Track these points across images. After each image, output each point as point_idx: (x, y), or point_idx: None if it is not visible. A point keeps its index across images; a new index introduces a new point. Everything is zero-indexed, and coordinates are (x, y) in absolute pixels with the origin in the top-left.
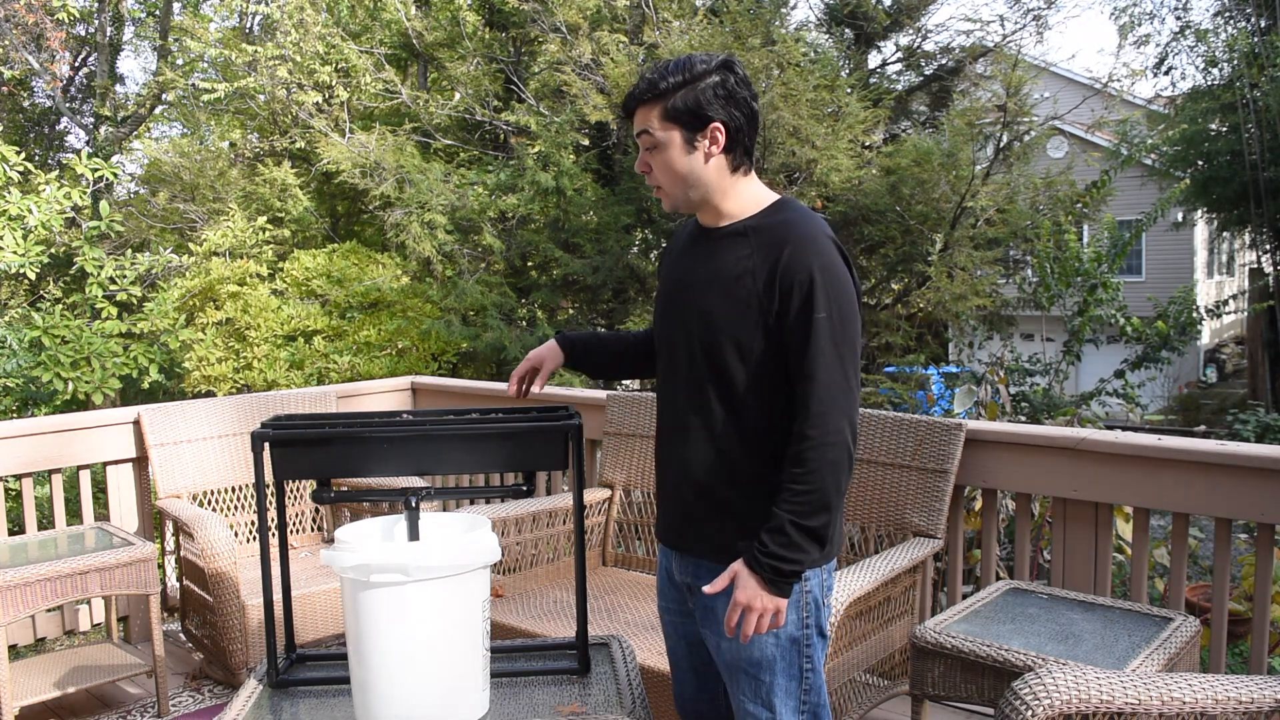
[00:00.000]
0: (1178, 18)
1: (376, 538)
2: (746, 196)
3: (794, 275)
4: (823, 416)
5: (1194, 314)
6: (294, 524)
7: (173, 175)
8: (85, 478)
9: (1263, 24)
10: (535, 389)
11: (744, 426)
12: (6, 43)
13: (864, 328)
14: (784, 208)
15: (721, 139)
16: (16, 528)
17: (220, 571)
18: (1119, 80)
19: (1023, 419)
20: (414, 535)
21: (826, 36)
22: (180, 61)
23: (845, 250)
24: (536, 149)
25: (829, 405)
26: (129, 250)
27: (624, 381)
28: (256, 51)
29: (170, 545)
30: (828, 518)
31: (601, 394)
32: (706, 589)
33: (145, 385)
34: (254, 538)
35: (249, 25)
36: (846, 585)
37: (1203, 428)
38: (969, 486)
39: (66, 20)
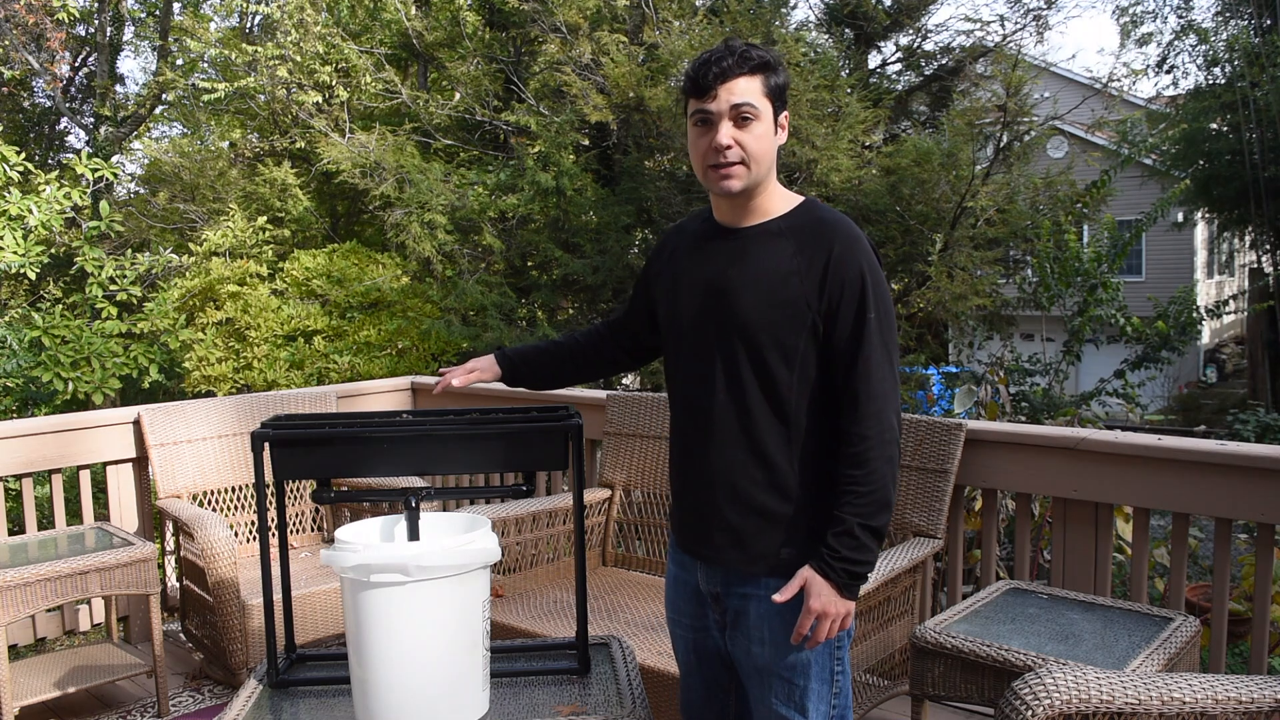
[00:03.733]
0: (1179, 16)
1: (376, 538)
2: (779, 195)
3: (845, 275)
4: (878, 415)
5: (1194, 314)
6: (294, 524)
7: (173, 175)
8: (85, 478)
9: (1264, 23)
10: (456, 383)
11: (788, 430)
12: (6, 43)
13: None
14: (815, 208)
15: (787, 127)
16: (16, 528)
17: (220, 571)
18: (1119, 80)
19: (1023, 419)
20: (414, 535)
21: (826, 36)
22: (180, 61)
23: (876, 249)
24: (536, 149)
25: (882, 403)
26: (129, 250)
27: (624, 380)
28: (256, 51)
29: (170, 545)
30: (889, 515)
31: (601, 394)
32: (776, 597)
33: (145, 385)
34: (254, 538)
35: (249, 25)
36: None
37: (1203, 428)
38: (969, 486)
39: (66, 20)
